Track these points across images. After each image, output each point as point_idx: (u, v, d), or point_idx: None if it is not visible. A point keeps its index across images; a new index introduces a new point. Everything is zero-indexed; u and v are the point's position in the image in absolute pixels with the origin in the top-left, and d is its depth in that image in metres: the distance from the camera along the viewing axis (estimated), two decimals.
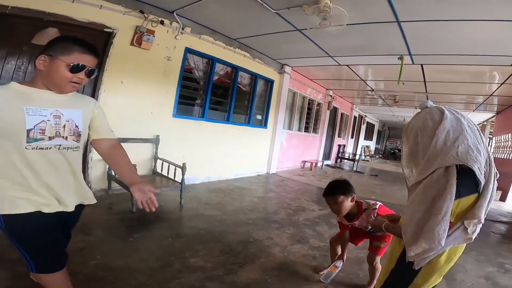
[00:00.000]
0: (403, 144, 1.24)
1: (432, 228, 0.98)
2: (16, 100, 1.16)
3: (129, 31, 3.50)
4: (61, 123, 1.24)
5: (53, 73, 1.19)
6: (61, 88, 1.23)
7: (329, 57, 5.00)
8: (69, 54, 1.19)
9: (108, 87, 3.42)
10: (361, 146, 14.48)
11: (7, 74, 2.80)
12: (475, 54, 3.78)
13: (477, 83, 5.41)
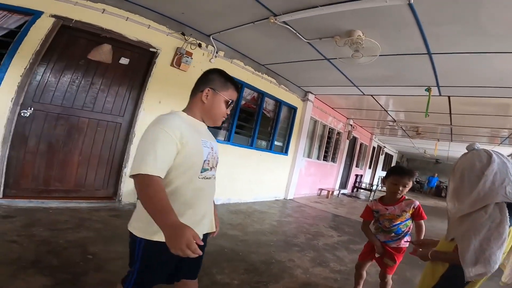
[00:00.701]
0: (450, 182, 1.36)
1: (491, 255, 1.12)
2: (193, 131, 1.20)
3: (171, 52, 3.76)
4: (214, 155, 1.30)
5: (215, 107, 1.28)
6: (217, 121, 1.32)
7: (354, 86, 5.08)
8: (226, 90, 1.29)
9: (147, 106, 3.63)
10: (378, 177, 14.16)
11: (62, 87, 3.03)
12: (503, 86, 3.76)
13: (502, 116, 5.33)
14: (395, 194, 2.01)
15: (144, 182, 1.02)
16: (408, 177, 2.00)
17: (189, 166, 1.17)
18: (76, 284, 1.77)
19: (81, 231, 2.58)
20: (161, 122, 1.12)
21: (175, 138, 1.09)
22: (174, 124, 1.12)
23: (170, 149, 1.09)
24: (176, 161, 1.13)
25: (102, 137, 3.44)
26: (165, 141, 1.08)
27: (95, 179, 3.46)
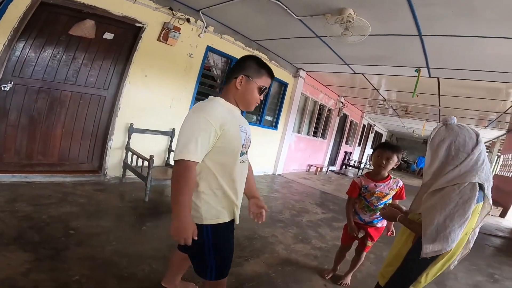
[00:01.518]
0: (431, 153, 1.30)
1: (450, 232, 1.14)
2: (232, 117, 1.27)
3: (157, 27, 3.62)
4: (248, 139, 1.36)
5: (249, 93, 1.31)
6: (250, 107, 1.36)
7: (345, 64, 5.03)
8: (260, 77, 1.31)
9: (132, 80, 3.57)
10: (367, 155, 14.41)
11: (43, 62, 2.93)
12: (494, 70, 3.76)
13: (492, 99, 5.36)
14: (379, 167, 2.02)
15: (186, 168, 1.14)
16: (391, 151, 2.00)
17: (231, 151, 1.25)
18: (56, 259, 1.80)
19: (64, 206, 2.60)
20: (203, 110, 1.20)
21: (215, 126, 1.17)
22: (215, 112, 1.20)
23: (210, 137, 1.17)
24: (218, 144, 1.21)
25: (86, 110, 3.38)
26: (206, 130, 1.16)
27: (79, 153, 3.44)
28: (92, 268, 1.79)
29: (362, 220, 2.12)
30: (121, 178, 3.71)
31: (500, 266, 3.24)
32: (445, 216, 1.14)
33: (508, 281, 2.83)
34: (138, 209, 2.93)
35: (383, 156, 2.00)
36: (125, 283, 1.73)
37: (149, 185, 3.16)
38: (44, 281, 1.59)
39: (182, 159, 1.13)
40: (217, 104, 1.27)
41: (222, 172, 1.26)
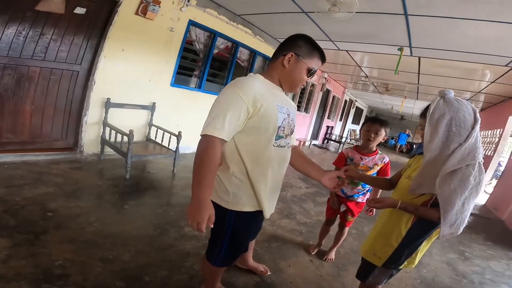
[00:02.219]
0: (430, 128, 1.21)
1: (466, 215, 1.17)
2: (270, 95, 1.17)
3: (135, 1, 3.35)
4: (290, 122, 1.26)
5: (296, 73, 1.22)
6: (295, 88, 1.28)
7: (330, 41, 4.96)
8: (311, 58, 1.22)
9: (108, 54, 3.34)
10: (348, 129, 14.74)
11: (7, 39, 2.66)
12: (472, 52, 3.85)
13: (467, 79, 5.56)
14: (368, 141, 2.03)
15: (209, 144, 1.06)
16: (379, 124, 2.02)
17: (264, 132, 1.15)
18: (35, 244, 1.73)
19: (39, 187, 2.48)
20: (237, 85, 1.12)
21: (248, 102, 1.09)
22: (249, 88, 1.11)
23: (240, 114, 1.09)
24: (250, 123, 1.12)
25: (57, 85, 3.15)
26: (237, 105, 1.08)
27: (52, 129, 3.25)
28: (75, 252, 1.74)
29: (344, 193, 2.14)
30: (99, 155, 3.57)
31: (470, 243, 3.40)
32: (463, 200, 1.15)
33: (478, 259, 2.98)
34: (119, 187, 2.86)
35: (372, 130, 2.02)
36: (111, 265, 1.70)
37: (129, 161, 3.07)
38: (26, 267, 1.53)
39: (206, 134, 1.07)
40: (254, 80, 1.19)
41: (252, 156, 1.17)
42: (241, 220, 1.24)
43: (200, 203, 1.05)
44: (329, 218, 2.35)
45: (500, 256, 3.17)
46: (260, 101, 1.11)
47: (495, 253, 3.23)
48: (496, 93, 6.14)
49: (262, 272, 1.91)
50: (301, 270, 2.14)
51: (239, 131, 1.13)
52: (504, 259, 3.13)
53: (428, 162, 1.22)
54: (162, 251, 1.96)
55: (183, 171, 3.80)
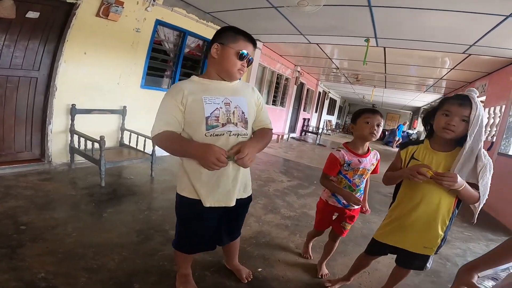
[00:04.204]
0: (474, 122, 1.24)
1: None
2: (199, 91, 1.28)
3: (95, 2, 3.18)
4: (231, 110, 1.30)
5: (225, 60, 1.29)
6: (231, 75, 1.33)
7: (301, 35, 5.04)
8: (236, 42, 1.29)
9: (68, 58, 3.16)
10: (324, 121, 15.11)
11: None
12: (432, 40, 4.08)
13: (430, 67, 5.90)
14: (370, 135, 1.62)
15: (158, 140, 1.27)
16: (380, 115, 1.67)
17: (194, 123, 1.27)
18: (13, 257, 1.63)
19: (8, 201, 2.32)
20: (168, 92, 1.31)
21: (176, 101, 1.25)
22: (177, 90, 1.27)
23: (173, 111, 1.26)
24: (185, 119, 1.28)
25: (15, 94, 2.94)
26: (169, 106, 1.26)
27: (14, 141, 3.03)
28: (56, 263, 1.65)
29: (340, 202, 1.78)
30: (70, 164, 3.39)
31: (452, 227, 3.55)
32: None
33: (458, 241, 3.07)
34: (95, 195, 2.73)
35: (373, 122, 1.62)
36: (96, 275, 1.63)
37: (103, 169, 2.94)
38: (9, 281, 1.45)
39: (153, 137, 1.29)
40: (185, 82, 1.33)
41: None
42: (183, 206, 1.40)
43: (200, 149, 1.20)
44: (320, 230, 2.04)
45: (478, 238, 3.25)
46: (186, 98, 1.25)
47: (472, 234, 3.31)
48: (457, 79, 6.56)
49: (242, 278, 1.79)
50: (291, 263, 2.14)
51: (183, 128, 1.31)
52: (482, 240, 3.21)
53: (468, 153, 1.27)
54: (148, 256, 1.90)
55: (162, 174, 3.70)
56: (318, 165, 6.10)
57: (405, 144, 1.50)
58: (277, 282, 1.89)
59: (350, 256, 2.34)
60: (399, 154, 1.49)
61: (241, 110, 1.33)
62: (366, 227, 3.00)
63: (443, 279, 2.24)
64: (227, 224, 1.53)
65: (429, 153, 1.38)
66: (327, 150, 8.88)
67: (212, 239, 1.53)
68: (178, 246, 1.51)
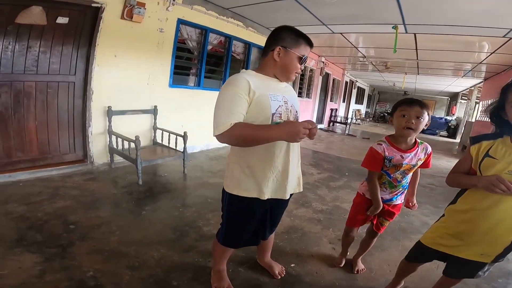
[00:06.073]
0: None
1: None
2: (262, 86, 1.25)
3: (119, 5, 3.30)
4: (289, 108, 1.32)
5: (288, 64, 1.30)
6: (290, 77, 1.35)
7: (323, 25, 4.90)
8: (298, 46, 1.30)
9: (101, 62, 3.32)
10: (352, 110, 14.72)
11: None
12: (467, 25, 3.82)
13: (466, 51, 5.51)
14: (407, 130, 1.50)
15: (230, 134, 1.15)
16: (419, 106, 1.49)
17: (256, 118, 1.22)
18: (65, 256, 1.77)
19: (57, 201, 2.52)
20: (231, 83, 1.22)
21: (244, 93, 1.18)
22: (242, 81, 1.20)
23: (241, 102, 1.18)
24: (248, 114, 1.21)
25: (56, 98, 3.14)
26: (235, 97, 1.18)
27: (59, 143, 3.27)
28: (103, 262, 1.78)
29: None
30: (110, 164, 3.60)
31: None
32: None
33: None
34: (134, 194, 2.89)
35: (411, 114, 1.49)
36: (138, 272, 1.73)
37: (139, 167, 3.09)
38: (61, 281, 1.56)
39: (220, 134, 1.16)
40: (245, 74, 1.26)
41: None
42: (233, 204, 1.39)
43: (284, 129, 1.13)
44: (353, 227, 1.91)
45: None
46: (253, 91, 1.19)
47: None
48: (498, 62, 6.07)
49: (275, 274, 1.82)
50: (325, 258, 2.11)
51: None
52: None
53: None
54: (184, 253, 1.97)
55: (194, 170, 3.82)
56: (348, 156, 5.96)
57: (476, 139, 1.28)
58: (311, 277, 1.88)
59: (387, 251, 2.30)
60: (469, 150, 1.29)
61: (295, 109, 1.37)
62: (405, 220, 2.87)
63: None
64: (271, 218, 1.54)
65: (510, 151, 1.16)
66: (357, 140, 8.69)
67: (258, 233, 1.54)
68: (225, 241, 1.52)
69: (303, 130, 1.10)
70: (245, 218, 1.42)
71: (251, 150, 1.27)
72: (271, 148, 1.29)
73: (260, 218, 1.46)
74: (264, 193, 1.32)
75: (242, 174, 1.32)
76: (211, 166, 4.16)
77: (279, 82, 1.36)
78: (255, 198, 1.33)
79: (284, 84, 1.40)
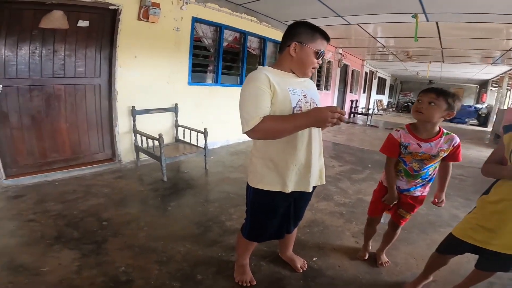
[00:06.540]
0: None
1: None
2: (281, 81, 1.27)
3: (134, 6, 3.40)
4: (308, 101, 1.33)
5: (304, 59, 1.30)
6: (306, 72, 1.35)
7: (338, 16, 4.80)
8: (314, 41, 1.29)
9: (122, 63, 3.45)
10: (374, 101, 14.34)
11: (24, 60, 2.81)
12: (492, 12, 3.64)
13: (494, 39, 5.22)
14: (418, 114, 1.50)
15: (262, 127, 1.16)
16: (435, 93, 1.45)
17: (278, 112, 1.23)
18: (100, 253, 1.88)
19: (90, 199, 2.68)
20: (252, 79, 1.23)
21: (266, 87, 1.20)
22: (262, 76, 1.21)
23: (266, 96, 1.20)
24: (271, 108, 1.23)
25: (84, 100, 3.32)
26: (260, 92, 1.19)
27: (90, 143, 3.46)
28: (133, 257, 1.86)
29: (396, 186, 1.72)
30: (136, 162, 3.77)
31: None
32: None
33: None
34: (159, 190, 3.00)
35: (424, 99, 1.48)
36: (166, 267, 1.80)
37: (164, 164, 3.21)
38: (97, 276, 1.65)
39: (251, 129, 1.17)
40: (264, 70, 1.27)
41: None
42: (258, 197, 1.40)
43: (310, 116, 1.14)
44: (375, 216, 1.90)
45: None
46: (273, 85, 1.21)
47: None
48: None
49: (297, 268, 1.85)
50: (348, 252, 2.10)
51: None
52: None
53: None
54: (208, 248, 2.03)
55: (215, 166, 3.91)
56: (371, 147, 5.82)
57: (509, 127, 1.26)
58: (333, 271, 1.87)
59: (414, 244, 2.25)
60: (502, 139, 1.28)
61: (315, 102, 1.37)
62: (433, 213, 2.78)
63: None
64: (295, 211, 1.56)
65: None
66: (380, 131, 8.45)
67: (282, 227, 1.57)
68: (250, 236, 1.56)
69: (331, 114, 1.09)
70: (269, 212, 1.44)
71: (273, 144, 1.29)
72: (293, 140, 1.30)
73: (284, 212, 1.48)
74: (288, 186, 1.33)
75: (265, 168, 1.34)
76: (232, 161, 4.23)
77: (297, 77, 1.37)
78: (279, 191, 1.34)
79: (303, 79, 1.40)
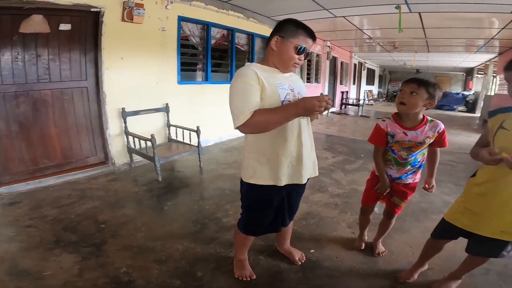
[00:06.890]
0: None
1: None
2: (268, 76, 1.30)
3: (118, 8, 3.35)
4: (296, 95, 1.36)
5: (283, 53, 1.32)
6: (286, 67, 1.37)
7: (324, 10, 4.85)
8: (296, 37, 1.30)
9: (109, 65, 3.41)
10: (364, 91, 14.51)
11: (7, 66, 2.76)
12: (472, 2, 3.72)
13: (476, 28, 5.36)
14: (401, 105, 1.55)
15: (253, 121, 1.19)
16: (416, 83, 1.51)
17: (267, 107, 1.25)
18: (100, 255, 1.90)
19: (86, 202, 2.68)
20: (240, 75, 1.25)
21: (255, 82, 1.22)
22: (250, 72, 1.24)
23: (255, 92, 1.22)
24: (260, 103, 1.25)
25: (72, 104, 3.28)
26: (249, 87, 1.22)
27: (81, 147, 3.43)
28: (132, 257, 1.88)
29: (387, 175, 1.75)
30: (130, 163, 3.76)
31: None
32: None
33: None
34: (155, 191, 3.01)
35: (406, 90, 1.54)
36: (165, 265, 1.82)
37: (158, 164, 3.22)
38: (99, 278, 1.67)
39: (241, 124, 1.20)
40: (251, 66, 1.30)
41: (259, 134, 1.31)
42: (252, 192, 1.43)
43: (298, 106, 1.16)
44: (368, 205, 1.93)
45: None
46: (262, 80, 1.23)
47: None
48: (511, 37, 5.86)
49: (295, 261, 1.88)
50: (344, 242, 2.13)
51: None
52: None
53: None
54: (206, 245, 2.05)
55: (209, 163, 3.94)
56: (363, 137, 5.88)
57: (494, 112, 1.29)
58: (331, 262, 1.90)
59: (408, 232, 2.30)
60: (487, 123, 1.30)
61: (302, 96, 1.39)
62: (425, 200, 2.84)
63: None
64: (289, 204, 1.58)
65: None
66: (371, 121, 8.56)
67: (278, 220, 1.59)
68: (246, 230, 1.58)
69: (318, 103, 1.11)
70: (263, 206, 1.47)
71: (264, 137, 1.32)
72: (283, 132, 1.32)
73: (278, 205, 1.50)
74: (281, 179, 1.36)
75: (257, 163, 1.36)
76: (225, 158, 4.26)
77: (281, 73, 1.38)
78: (272, 185, 1.37)
79: (288, 74, 1.42)
